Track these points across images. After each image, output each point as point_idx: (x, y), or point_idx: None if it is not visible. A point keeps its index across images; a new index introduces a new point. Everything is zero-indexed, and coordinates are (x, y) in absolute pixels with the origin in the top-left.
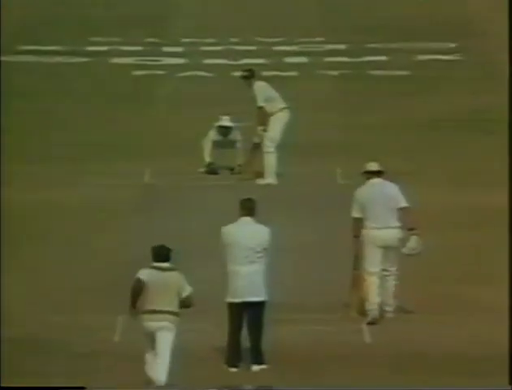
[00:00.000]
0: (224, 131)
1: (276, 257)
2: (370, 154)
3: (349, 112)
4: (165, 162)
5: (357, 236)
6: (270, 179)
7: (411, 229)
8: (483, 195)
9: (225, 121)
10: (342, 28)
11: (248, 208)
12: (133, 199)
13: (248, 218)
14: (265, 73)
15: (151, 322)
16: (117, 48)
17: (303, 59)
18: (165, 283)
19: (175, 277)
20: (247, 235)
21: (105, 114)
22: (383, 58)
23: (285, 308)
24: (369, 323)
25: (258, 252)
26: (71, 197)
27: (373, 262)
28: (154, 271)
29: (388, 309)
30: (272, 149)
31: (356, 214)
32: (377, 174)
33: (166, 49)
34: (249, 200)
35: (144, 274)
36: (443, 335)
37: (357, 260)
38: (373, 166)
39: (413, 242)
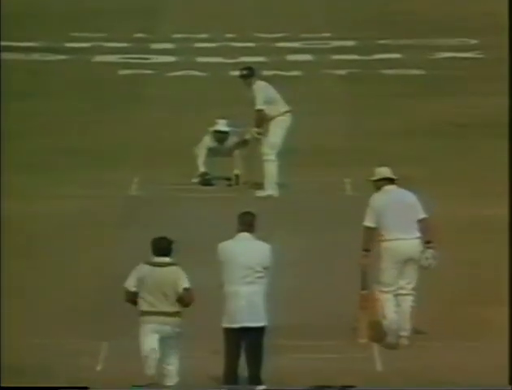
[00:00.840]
0: (220, 136)
1: (277, 277)
2: (382, 162)
3: (359, 116)
4: (154, 172)
5: (367, 249)
6: (270, 190)
7: (428, 242)
8: (503, 206)
9: (221, 125)
10: (350, 23)
11: (247, 223)
12: (119, 212)
13: (247, 234)
14: (265, 72)
15: (152, 325)
16: (100, 44)
17: (307, 57)
18: (163, 281)
19: (174, 273)
20: (246, 252)
21: (87, 118)
22: (395, 55)
23: (287, 333)
24: (388, 347)
25: (258, 271)
26: (51, 209)
27: (389, 279)
28: (152, 268)
29: (403, 334)
30: (273, 157)
31: (369, 222)
32: (390, 180)
33: (155, 45)
34: (248, 214)
35: (139, 273)
36: (462, 362)
37: (366, 278)
38: (386, 172)
39: (429, 256)
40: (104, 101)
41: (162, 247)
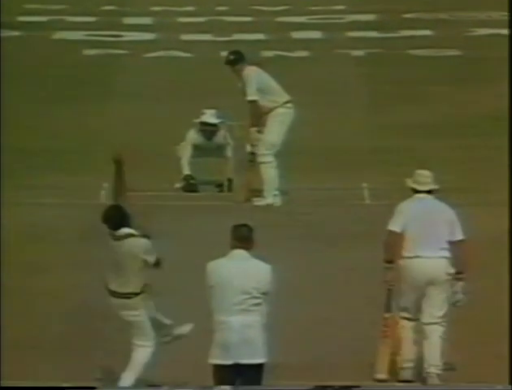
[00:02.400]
0: (208, 130)
1: (279, 304)
2: (408, 165)
3: (380, 107)
4: (128, 176)
5: (390, 261)
6: (270, 198)
7: (459, 272)
8: None
9: (209, 117)
10: None
11: (242, 238)
12: (86, 223)
13: (242, 252)
14: (265, 53)
15: (119, 311)
16: (62, 18)
17: (317, 34)
18: (120, 257)
19: (134, 246)
20: (240, 274)
21: (46, 110)
22: (424, 32)
23: (290, 372)
24: (402, 381)
25: (256, 297)
26: (3, 219)
27: (407, 303)
28: (111, 242)
29: (432, 370)
30: (270, 158)
31: (396, 227)
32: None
33: (128, 20)
34: (244, 227)
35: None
36: None
37: (391, 298)
38: (420, 178)
39: (458, 289)
40: (66, 88)
41: (113, 218)
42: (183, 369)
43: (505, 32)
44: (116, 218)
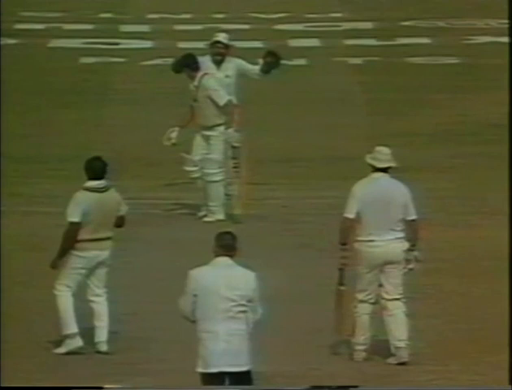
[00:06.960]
0: (218, 56)
1: (265, 312)
2: (406, 173)
3: (378, 116)
4: (123, 183)
5: (344, 243)
6: (220, 214)
7: (413, 245)
8: None
9: (222, 37)
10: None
11: (226, 245)
12: None
13: (226, 259)
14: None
15: (95, 251)
16: (59, 26)
17: (314, 42)
18: (104, 207)
19: (112, 197)
20: (225, 281)
21: (41, 117)
22: (423, 40)
23: (282, 379)
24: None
25: (241, 304)
26: None
27: (363, 285)
28: (92, 195)
29: (402, 345)
30: (219, 177)
31: (350, 213)
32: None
33: (125, 28)
34: (228, 234)
35: (81, 202)
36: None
37: (343, 275)
38: (379, 155)
39: (410, 257)
40: (63, 95)
41: (99, 168)
42: (172, 378)
43: (504, 39)
44: (102, 171)
